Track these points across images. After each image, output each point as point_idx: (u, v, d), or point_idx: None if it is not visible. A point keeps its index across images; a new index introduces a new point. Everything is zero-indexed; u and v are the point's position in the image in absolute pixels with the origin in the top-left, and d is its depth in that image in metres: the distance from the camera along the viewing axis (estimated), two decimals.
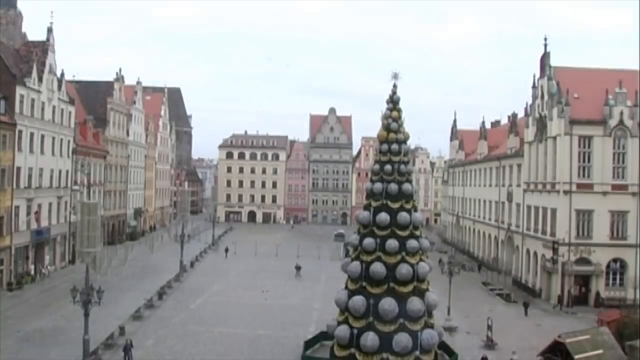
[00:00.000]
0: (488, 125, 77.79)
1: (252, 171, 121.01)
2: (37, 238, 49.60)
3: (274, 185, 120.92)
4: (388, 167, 27.30)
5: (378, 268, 25.92)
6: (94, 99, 71.00)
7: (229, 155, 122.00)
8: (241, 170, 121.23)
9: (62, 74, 55.40)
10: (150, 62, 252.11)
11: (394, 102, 28.29)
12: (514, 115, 61.81)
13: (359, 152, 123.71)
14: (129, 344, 28.48)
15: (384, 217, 26.61)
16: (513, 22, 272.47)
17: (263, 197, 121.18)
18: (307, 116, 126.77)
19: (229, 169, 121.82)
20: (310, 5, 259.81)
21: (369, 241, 26.62)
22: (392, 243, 26.22)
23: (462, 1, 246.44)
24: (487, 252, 67.61)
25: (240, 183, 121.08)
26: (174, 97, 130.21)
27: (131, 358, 28.25)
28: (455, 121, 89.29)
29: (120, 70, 75.65)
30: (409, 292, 25.85)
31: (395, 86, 28.31)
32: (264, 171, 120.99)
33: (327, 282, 47.84)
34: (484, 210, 69.12)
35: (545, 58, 50.14)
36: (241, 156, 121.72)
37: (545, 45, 49.80)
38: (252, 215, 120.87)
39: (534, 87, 53.38)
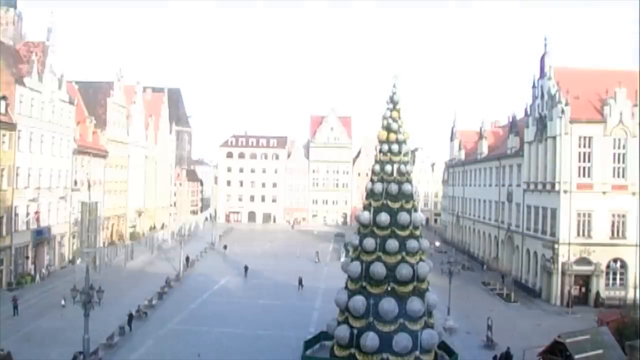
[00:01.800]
0: (488, 126, 77.72)
1: (252, 171, 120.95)
2: (37, 238, 49.60)
3: (274, 185, 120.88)
4: (388, 167, 27.31)
5: (378, 268, 25.92)
6: (94, 99, 71.00)
7: (229, 155, 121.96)
8: (241, 170, 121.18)
9: (62, 74, 55.40)
10: (150, 62, 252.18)
11: (394, 102, 28.29)
12: (514, 116, 61.81)
13: (359, 152, 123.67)
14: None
15: (384, 217, 26.60)
16: (513, 22, 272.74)
17: (263, 197, 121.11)
18: (307, 116, 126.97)
19: (229, 169, 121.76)
20: (311, 5, 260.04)
21: (369, 241, 26.61)
22: (392, 243, 26.21)
23: (463, 1, 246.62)
24: (487, 252, 67.59)
25: (241, 183, 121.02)
26: (174, 97, 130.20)
27: None
28: (455, 121, 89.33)
29: (120, 70, 75.62)
30: (409, 292, 25.86)
31: (395, 86, 28.33)
32: (264, 171, 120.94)
33: (327, 282, 47.81)
34: (484, 210, 69.10)
35: (545, 58, 50.16)
36: (241, 156, 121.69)
37: (545, 45, 49.89)
38: (252, 215, 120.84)
39: (534, 87, 53.34)
